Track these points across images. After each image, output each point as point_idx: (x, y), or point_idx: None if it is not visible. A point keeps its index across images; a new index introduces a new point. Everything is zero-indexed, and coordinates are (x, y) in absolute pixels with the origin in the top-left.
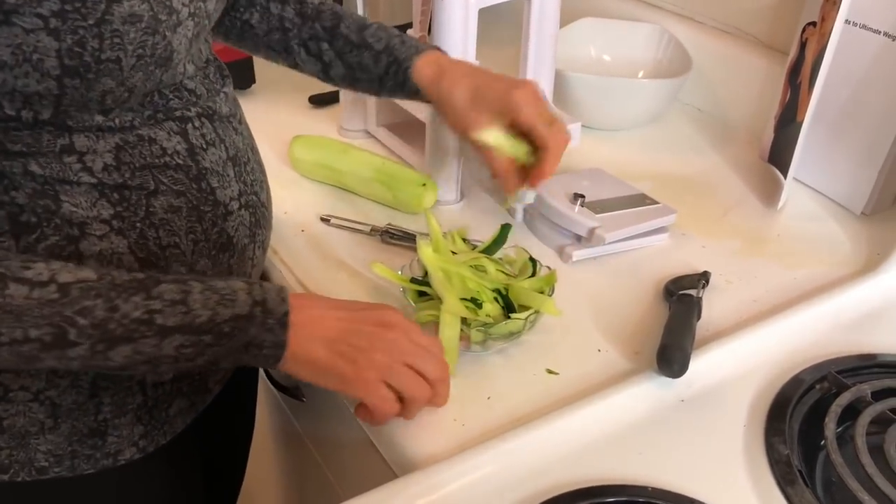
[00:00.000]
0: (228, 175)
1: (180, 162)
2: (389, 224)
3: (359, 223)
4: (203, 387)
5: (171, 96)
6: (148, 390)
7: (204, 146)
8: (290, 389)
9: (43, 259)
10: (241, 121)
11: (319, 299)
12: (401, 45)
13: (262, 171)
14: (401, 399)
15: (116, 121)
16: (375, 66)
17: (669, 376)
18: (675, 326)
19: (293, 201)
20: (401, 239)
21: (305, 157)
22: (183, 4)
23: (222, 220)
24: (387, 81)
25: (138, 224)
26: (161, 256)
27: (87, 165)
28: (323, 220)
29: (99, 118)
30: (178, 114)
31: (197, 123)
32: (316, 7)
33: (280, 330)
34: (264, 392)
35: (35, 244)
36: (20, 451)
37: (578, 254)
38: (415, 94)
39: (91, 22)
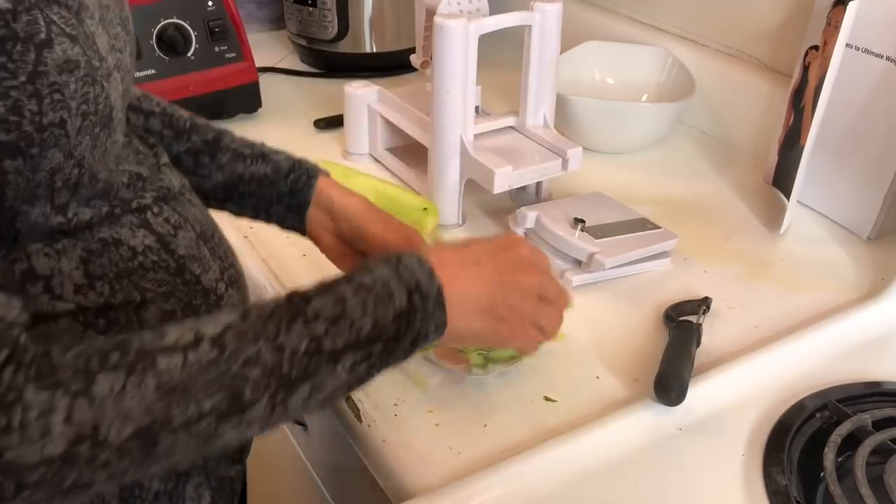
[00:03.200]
0: (205, 256)
1: (155, 259)
2: None
3: None
4: (231, 493)
5: (119, 184)
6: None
7: (172, 233)
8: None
9: (164, 328)
10: (191, 189)
11: (455, 257)
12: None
13: (224, 237)
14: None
15: (74, 221)
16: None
17: (667, 404)
18: (673, 354)
19: None
20: None
21: None
22: (106, 52)
23: (216, 307)
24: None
25: None
26: None
27: (56, 292)
28: None
29: (54, 219)
30: (133, 204)
31: (156, 209)
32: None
33: (440, 313)
34: None
35: None
36: None
37: (578, 279)
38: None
39: (23, 78)
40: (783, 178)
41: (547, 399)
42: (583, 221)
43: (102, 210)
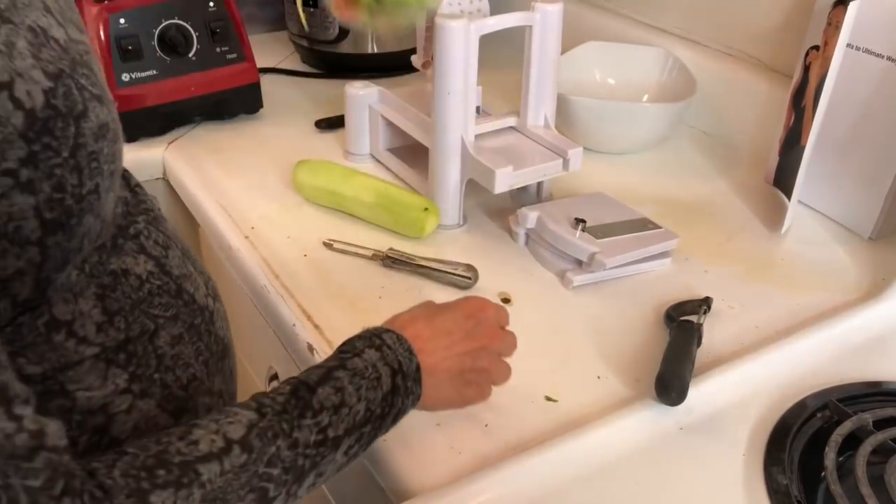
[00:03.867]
0: (192, 273)
1: (158, 283)
2: (391, 248)
3: (361, 248)
4: None
5: (116, 214)
6: None
7: (164, 254)
8: None
9: (190, 430)
10: (159, 207)
11: (428, 331)
12: None
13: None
14: None
15: (87, 267)
16: None
17: (667, 404)
18: (673, 354)
19: (296, 226)
20: (402, 264)
21: (309, 182)
22: (111, 101)
23: (211, 324)
24: None
25: (156, 376)
26: (186, 397)
27: (80, 336)
28: (325, 244)
29: (74, 273)
30: (130, 231)
31: (146, 233)
32: None
33: (417, 388)
34: None
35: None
36: None
37: (579, 279)
38: None
39: (66, 154)
40: (784, 178)
41: (548, 399)
42: (584, 221)
43: (108, 244)
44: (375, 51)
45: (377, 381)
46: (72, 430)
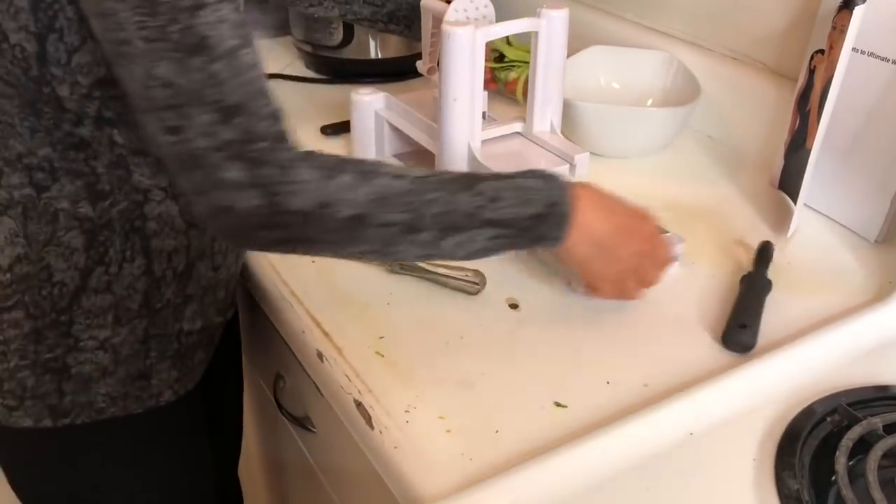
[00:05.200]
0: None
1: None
2: None
3: None
4: (211, 340)
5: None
6: (182, 338)
7: None
8: (301, 420)
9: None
10: None
11: (597, 200)
12: None
13: None
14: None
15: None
16: None
17: (738, 351)
18: (744, 304)
19: None
20: (410, 270)
21: None
22: None
23: None
24: None
25: (181, 199)
26: (196, 222)
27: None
28: None
29: None
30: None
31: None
32: None
33: (561, 228)
34: (275, 422)
35: (109, 208)
36: (82, 395)
37: None
38: None
39: None
40: (789, 182)
41: (557, 405)
42: None
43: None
44: (379, 56)
45: (532, 202)
46: (118, 194)
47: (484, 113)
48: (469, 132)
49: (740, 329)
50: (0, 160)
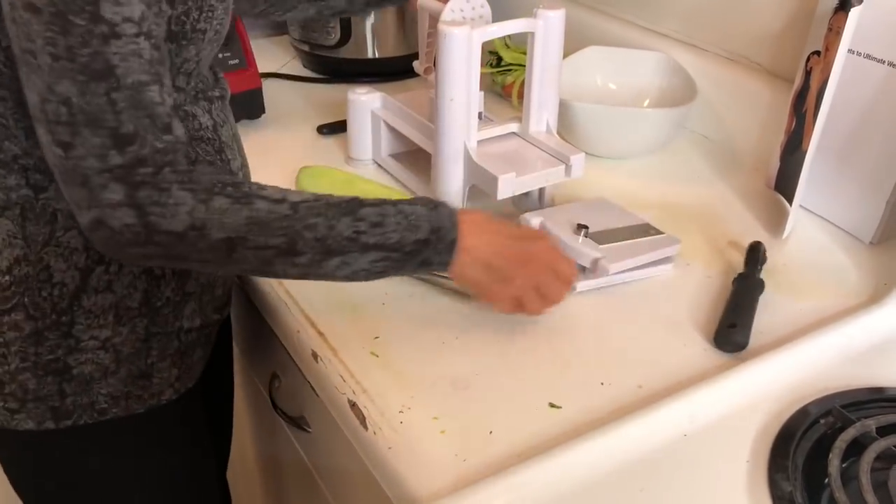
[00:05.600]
0: (234, 149)
1: (210, 136)
2: None
3: None
4: (209, 338)
5: (202, 78)
6: (182, 336)
7: (221, 123)
8: (297, 420)
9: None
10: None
11: (484, 225)
12: None
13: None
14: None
15: (173, 98)
16: None
17: (729, 351)
18: (736, 304)
19: None
20: None
21: (312, 188)
22: None
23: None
24: None
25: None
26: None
27: None
28: None
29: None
30: (207, 94)
31: (217, 104)
32: None
33: (448, 254)
34: (271, 422)
35: None
36: (84, 396)
37: (582, 285)
38: None
39: None
40: (785, 183)
41: (552, 406)
42: (586, 227)
43: (189, 94)
44: (376, 55)
45: (416, 227)
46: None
47: (480, 113)
48: (465, 132)
49: (731, 329)
50: None
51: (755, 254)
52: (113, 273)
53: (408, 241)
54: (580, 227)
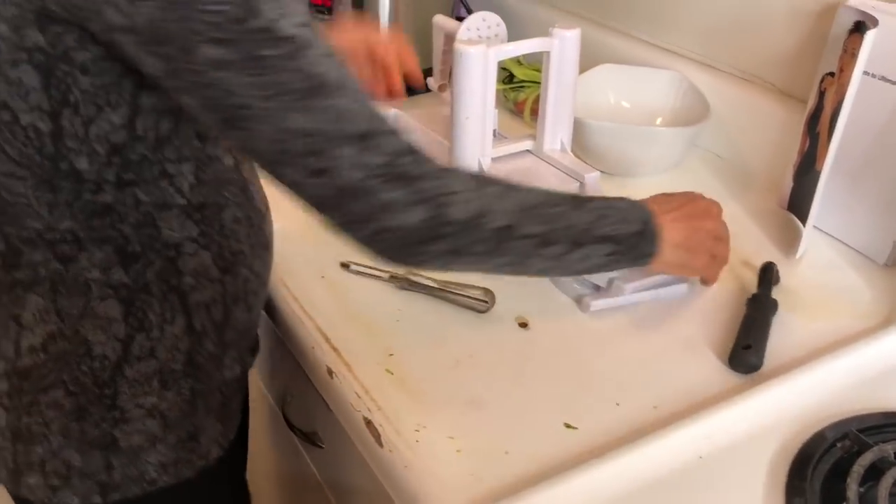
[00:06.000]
0: (257, 184)
1: (234, 176)
2: (409, 271)
3: (378, 270)
4: (246, 383)
5: None
6: (224, 388)
7: (242, 160)
8: (309, 436)
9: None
10: None
11: (659, 208)
12: None
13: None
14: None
15: (198, 141)
16: None
17: (744, 372)
18: (749, 325)
19: (314, 249)
20: (419, 287)
21: None
22: None
23: (262, 222)
24: None
25: (216, 237)
26: (233, 262)
27: (178, 187)
28: (343, 266)
29: (195, 138)
30: None
31: None
32: None
33: (654, 244)
34: (283, 437)
35: (143, 270)
36: (133, 467)
37: (597, 304)
38: None
39: None
40: (798, 203)
41: (567, 426)
42: None
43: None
44: None
45: (629, 221)
46: (150, 253)
47: (494, 130)
48: (480, 149)
49: (745, 350)
50: (16, 239)
51: (768, 274)
52: (155, 339)
53: (628, 232)
54: None
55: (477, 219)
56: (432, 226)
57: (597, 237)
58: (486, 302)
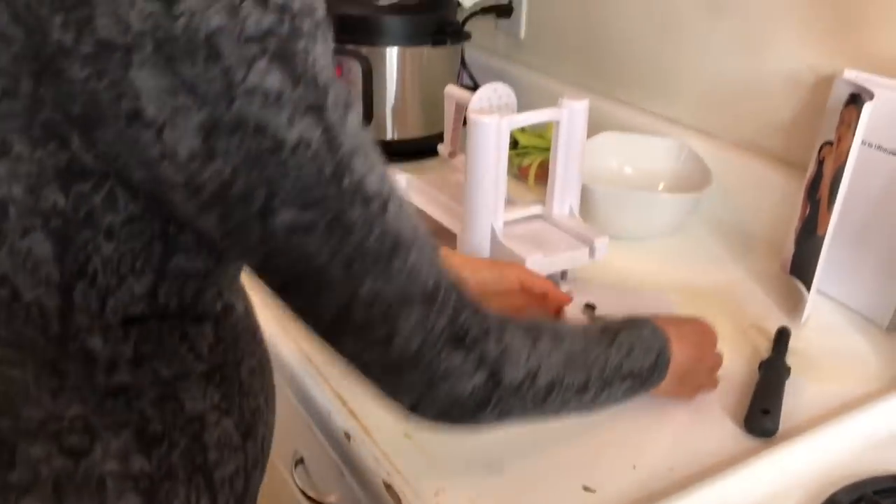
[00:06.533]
0: (258, 324)
1: (247, 324)
2: None
3: None
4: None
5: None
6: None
7: (248, 303)
8: (321, 503)
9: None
10: None
11: (678, 332)
12: None
13: None
14: None
15: (217, 292)
16: None
17: (761, 436)
18: (765, 389)
19: None
20: None
21: None
22: None
23: (269, 367)
24: None
25: (236, 398)
26: (252, 422)
27: (198, 352)
28: None
29: (215, 290)
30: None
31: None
32: None
33: (663, 374)
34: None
35: (168, 453)
36: None
37: None
38: None
39: None
40: (801, 268)
41: (586, 489)
42: (593, 308)
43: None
44: (395, 137)
45: (649, 350)
46: (174, 432)
47: None
48: (493, 214)
49: (763, 414)
50: (9, 432)
51: (783, 339)
52: None
53: (647, 365)
54: (588, 306)
55: (527, 378)
56: (491, 388)
57: (623, 375)
58: None
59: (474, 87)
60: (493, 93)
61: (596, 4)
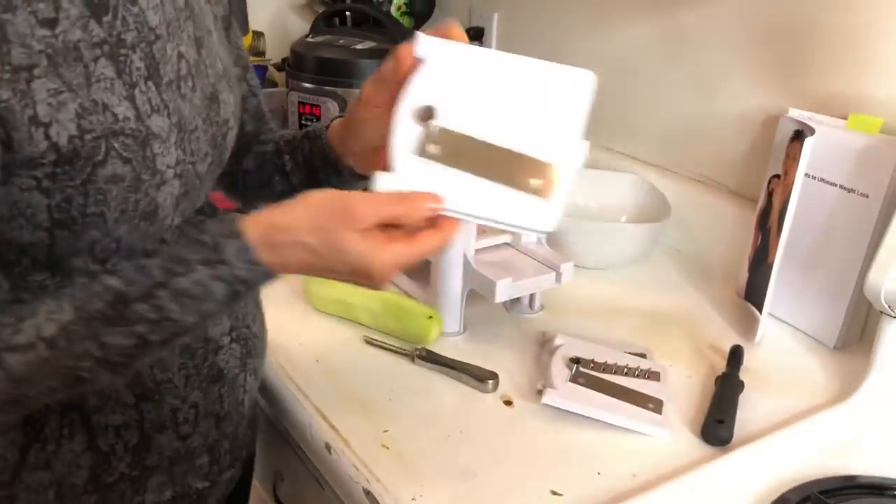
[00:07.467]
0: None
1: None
2: (425, 349)
3: (396, 347)
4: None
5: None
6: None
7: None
8: None
9: (29, 306)
10: None
11: (280, 240)
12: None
13: (256, 304)
14: None
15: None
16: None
17: (716, 444)
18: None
19: (309, 334)
20: (432, 361)
21: (319, 293)
22: (168, 167)
23: (213, 354)
24: (316, 159)
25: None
26: (156, 391)
27: None
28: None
29: (94, 267)
30: None
31: None
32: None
33: (263, 277)
34: None
35: None
36: None
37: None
38: (334, 159)
39: (78, 182)
40: (754, 293)
41: (553, 493)
42: (578, 363)
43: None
44: None
45: (210, 295)
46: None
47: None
48: (466, 242)
49: (718, 424)
50: None
51: (737, 356)
52: (50, 451)
53: (211, 311)
54: (573, 361)
55: None
56: None
57: (155, 344)
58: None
59: None
60: None
61: (564, 51)
